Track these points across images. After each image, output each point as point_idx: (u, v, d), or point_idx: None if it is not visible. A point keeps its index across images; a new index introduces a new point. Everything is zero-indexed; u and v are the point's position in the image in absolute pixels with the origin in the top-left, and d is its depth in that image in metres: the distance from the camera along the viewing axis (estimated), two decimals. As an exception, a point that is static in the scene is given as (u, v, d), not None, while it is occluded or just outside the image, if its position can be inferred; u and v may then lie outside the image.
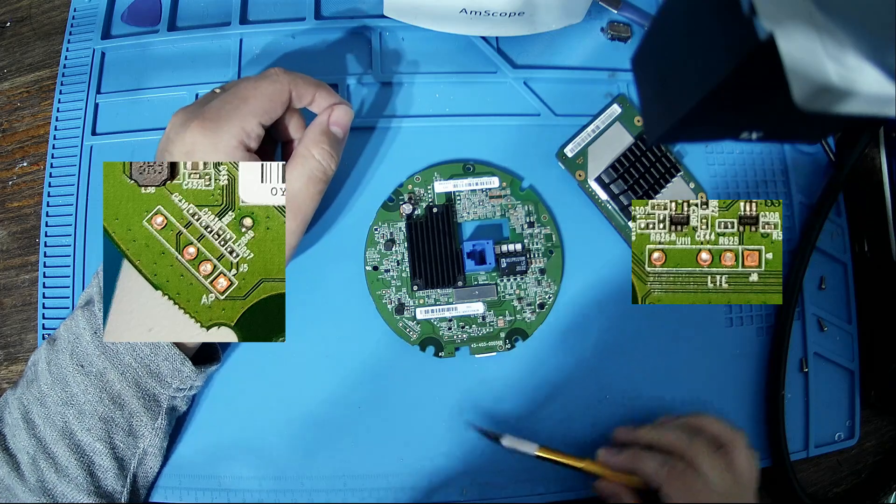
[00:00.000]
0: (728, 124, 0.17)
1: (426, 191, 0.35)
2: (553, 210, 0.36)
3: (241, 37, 0.37)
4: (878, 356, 0.37)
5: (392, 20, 0.34)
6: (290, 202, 0.28)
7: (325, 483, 0.33)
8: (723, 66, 0.14)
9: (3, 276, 0.37)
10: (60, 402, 0.28)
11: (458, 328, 0.34)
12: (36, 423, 0.28)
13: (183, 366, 0.29)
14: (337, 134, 0.30)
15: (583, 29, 0.38)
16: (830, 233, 0.38)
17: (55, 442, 0.28)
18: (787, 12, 0.14)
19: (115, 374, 0.28)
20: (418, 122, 0.36)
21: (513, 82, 0.37)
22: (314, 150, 0.28)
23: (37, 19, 0.40)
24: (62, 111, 0.37)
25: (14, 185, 0.38)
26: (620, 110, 0.36)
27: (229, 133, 0.27)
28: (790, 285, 0.36)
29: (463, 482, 0.33)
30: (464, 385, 0.34)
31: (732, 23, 0.14)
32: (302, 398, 0.34)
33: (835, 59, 0.14)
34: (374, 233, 0.35)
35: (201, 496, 0.33)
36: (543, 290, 0.35)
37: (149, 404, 0.29)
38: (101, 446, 0.28)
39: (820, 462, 0.37)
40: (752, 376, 0.36)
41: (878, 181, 0.38)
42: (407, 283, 0.34)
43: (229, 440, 0.33)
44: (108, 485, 0.29)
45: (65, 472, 0.28)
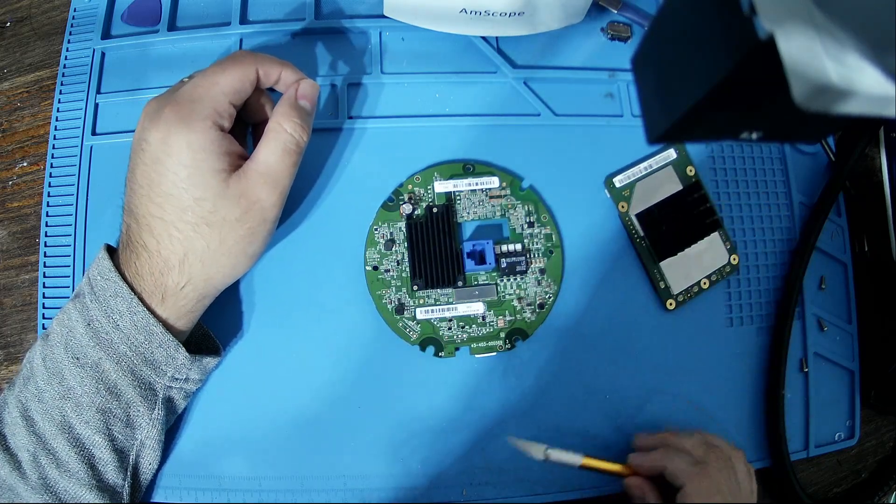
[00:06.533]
0: (728, 124, 0.17)
1: (426, 191, 0.35)
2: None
3: (241, 37, 0.37)
4: (878, 356, 0.37)
5: (392, 20, 0.34)
6: (268, 176, 0.29)
7: (324, 483, 0.33)
8: (723, 66, 0.14)
9: (3, 276, 0.37)
10: (58, 395, 0.28)
11: (458, 328, 0.34)
12: (35, 420, 0.28)
13: (177, 352, 0.29)
14: (305, 107, 0.30)
15: (583, 29, 0.38)
16: (830, 233, 0.38)
17: (54, 437, 0.28)
18: (787, 12, 0.14)
19: (111, 364, 0.28)
20: (418, 122, 0.36)
21: (513, 82, 0.37)
22: (285, 124, 0.29)
23: (37, 19, 0.40)
24: (62, 111, 0.37)
25: (14, 185, 0.38)
26: (675, 156, 0.37)
27: (202, 114, 0.27)
28: (790, 285, 0.36)
29: (463, 482, 0.33)
30: (464, 385, 0.34)
31: (732, 22, 0.14)
32: (302, 398, 0.34)
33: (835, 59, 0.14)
34: (374, 233, 0.35)
35: (201, 496, 0.33)
36: (543, 290, 0.35)
37: (145, 393, 0.29)
38: (99, 439, 0.28)
39: (820, 462, 0.37)
40: (752, 376, 0.36)
41: (878, 181, 0.39)
42: (407, 283, 0.34)
43: (229, 440, 0.33)
44: (109, 479, 0.29)
45: (66, 467, 0.28)
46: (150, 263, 0.28)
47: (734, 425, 0.36)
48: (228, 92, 0.28)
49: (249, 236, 0.29)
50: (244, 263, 0.30)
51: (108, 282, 0.28)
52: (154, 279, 0.28)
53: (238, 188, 0.28)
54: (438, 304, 0.34)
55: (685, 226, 0.36)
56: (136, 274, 0.28)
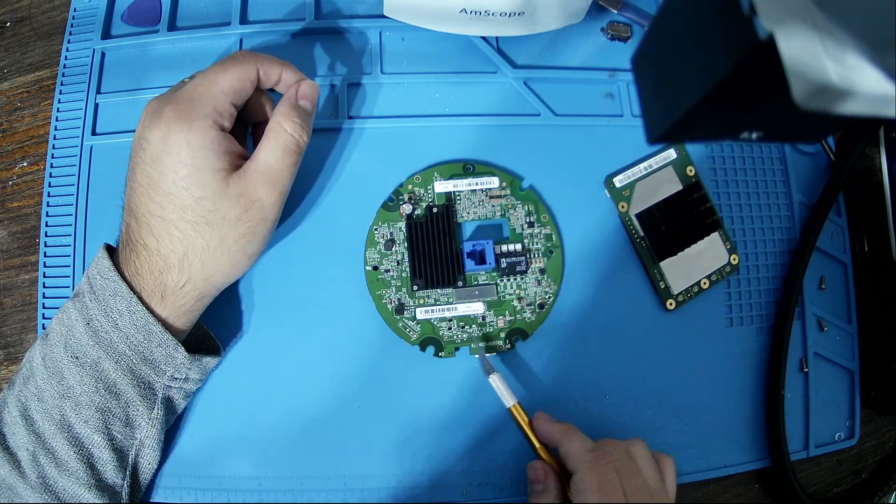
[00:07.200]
0: (728, 124, 0.17)
1: (426, 191, 0.35)
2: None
3: (241, 37, 0.37)
4: (878, 356, 0.37)
5: (392, 20, 0.34)
6: (268, 176, 0.29)
7: (324, 483, 0.33)
8: (722, 66, 0.14)
9: (3, 276, 0.37)
10: (57, 395, 0.28)
11: (458, 328, 0.34)
12: (34, 419, 0.28)
13: (176, 352, 0.29)
14: (305, 107, 0.31)
15: (583, 29, 0.38)
16: (830, 233, 0.38)
17: (54, 436, 0.28)
18: (787, 12, 0.14)
19: (110, 363, 0.28)
20: (418, 122, 0.36)
21: (513, 82, 0.37)
22: (286, 124, 0.29)
23: (37, 19, 0.40)
24: (62, 111, 0.37)
25: (14, 185, 0.38)
26: (675, 156, 0.37)
27: (203, 113, 0.27)
28: (790, 285, 0.36)
29: (463, 482, 0.33)
30: (464, 385, 0.34)
31: (732, 22, 0.14)
32: (302, 398, 0.33)
33: (835, 59, 0.14)
34: (374, 233, 0.35)
35: (201, 496, 0.33)
36: (543, 290, 0.35)
37: (144, 393, 0.29)
38: (98, 438, 0.28)
39: (820, 462, 0.37)
40: (752, 376, 0.36)
41: (878, 181, 0.39)
42: (407, 283, 0.34)
43: (229, 440, 0.33)
44: (108, 478, 0.29)
45: (65, 466, 0.28)
46: (150, 262, 0.28)
47: (734, 425, 0.36)
48: (229, 92, 0.28)
49: (249, 235, 0.29)
50: (244, 263, 0.30)
51: (108, 281, 0.28)
52: (153, 278, 0.28)
53: (238, 187, 0.28)
54: (438, 304, 0.34)
55: (685, 226, 0.36)
56: (136, 273, 0.28)
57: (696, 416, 0.35)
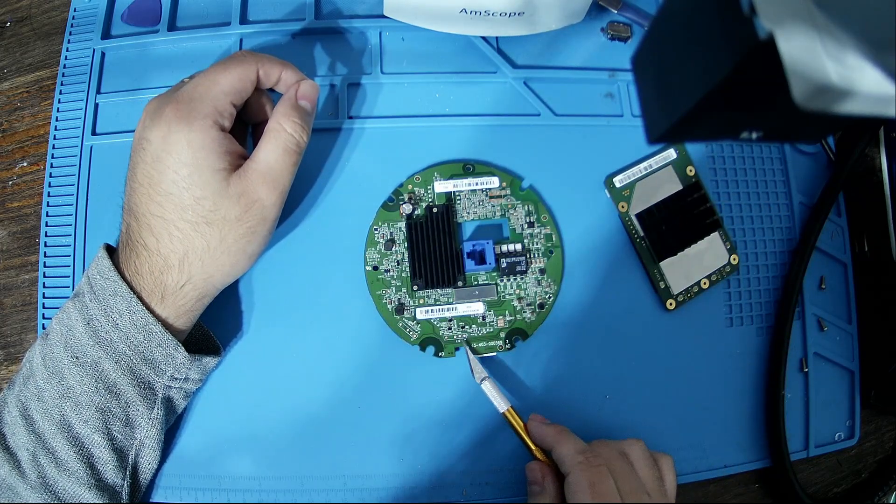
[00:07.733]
0: (728, 124, 0.17)
1: (426, 191, 0.35)
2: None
3: (241, 37, 0.37)
4: (878, 356, 0.37)
5: (392, 20, 0.34)
6: (268, 176, 0.29)
7: (324, 483, 0.33)
8: (723, 66, 0.14)
9: (3, 276, 0.37)
10: (57, 395, 0.28)
11: (458, 328, 0.34)
12: (34, 419, 0.28)
13: (176, 352, 0.29)
14: (305, 107, 0.31)
15: (583, 29, 0.38)
16: (830, 233, 0.38)
17: (54, 436, 0.28)
18: (787, 12, 0.14)
19: (110, 363, 0.28)
20: (418, 122, 0.36)
21: (513, 82, 0.37)
22: (285, 124, 0.29)
23: (37, 19, 0.40)
24: (62, 111, 0.37)
25: (14, 185, 0.38)
26: (675, 156, 0.37)
27: (203, 113, 0.27)
28: (790, 285, 0.36)
29: (463, 482, 0.33)
30: (464, 385, 0.34)
31: (732, 22, 0.14)
32: (302, 398, 0.34)
33: (835, 59, 0.14)
34: (374, 233, 0.35)
35: (201, 496, 0.33)
36: (543, 290, 0.35)
37: (144, 393, 0.29)
38: (98, 438, 0.28)
39: (820, 462, 0.37)
40: (752, 376, 0.36)
41: (878, 181, 0.39)
42: (407, 283, 0.34)
43: (229, 440, 0.33)
44: (108, 478, 0.29)
45: (65, 466, 0.28)
46: (150, 262, 0.28)
47: (734, 425, 0.36)
48: (229, 91, 0.28)
49: (249, 235, 0.29)
50: (244, 262, 0.30)
51: (108, 281, 0.28)
52: (154, 278, 0.28)
53: (238, 187, 0.28)
54: (438, 304, 0.34)
55: (685, 226, 0.36)
56: (136, 273, 0.28)
57: (696, 416, 0.35)
